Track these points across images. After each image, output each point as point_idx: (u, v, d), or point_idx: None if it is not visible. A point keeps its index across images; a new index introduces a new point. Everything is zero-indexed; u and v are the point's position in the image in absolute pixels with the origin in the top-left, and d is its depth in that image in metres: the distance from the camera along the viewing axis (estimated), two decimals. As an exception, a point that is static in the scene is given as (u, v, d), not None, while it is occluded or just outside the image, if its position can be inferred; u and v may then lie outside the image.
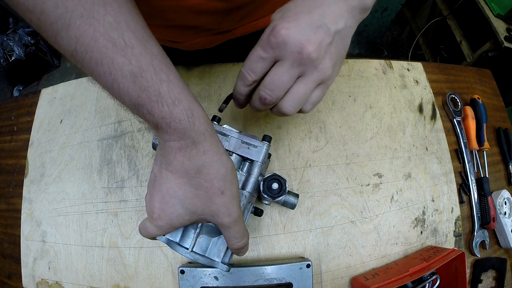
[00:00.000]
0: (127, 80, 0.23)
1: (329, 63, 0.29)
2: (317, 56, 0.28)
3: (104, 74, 0.23)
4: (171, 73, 0.26)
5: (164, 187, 0.29)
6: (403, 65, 0.61)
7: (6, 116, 0.57)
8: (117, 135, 0.52)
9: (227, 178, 0.29)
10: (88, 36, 0.22)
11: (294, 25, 0.28)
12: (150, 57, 0.24)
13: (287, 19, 0.28)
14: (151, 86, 0.24)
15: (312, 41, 0.28)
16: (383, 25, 1.78)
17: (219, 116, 0.38)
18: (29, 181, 0.52)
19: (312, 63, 0.29)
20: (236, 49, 0.55)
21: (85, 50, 0.22)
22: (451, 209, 0.54)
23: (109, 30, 0.22)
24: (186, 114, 0.26)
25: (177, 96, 0.25)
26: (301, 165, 0.51)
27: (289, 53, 0.28)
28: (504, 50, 1.31)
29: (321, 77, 0.30)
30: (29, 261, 0.48)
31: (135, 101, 0.24)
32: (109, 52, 0.22)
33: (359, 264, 0.48)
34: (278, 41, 0.28)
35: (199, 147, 0.27)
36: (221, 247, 0.33)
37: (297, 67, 0.29)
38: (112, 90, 0.24)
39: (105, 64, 0.23)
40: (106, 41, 0.22)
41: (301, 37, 0.28)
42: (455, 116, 0.59)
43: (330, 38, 0.29)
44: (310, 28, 0.28)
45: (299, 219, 0.49)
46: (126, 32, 0.23)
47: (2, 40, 1.76)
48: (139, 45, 0.24)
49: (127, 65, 0.23)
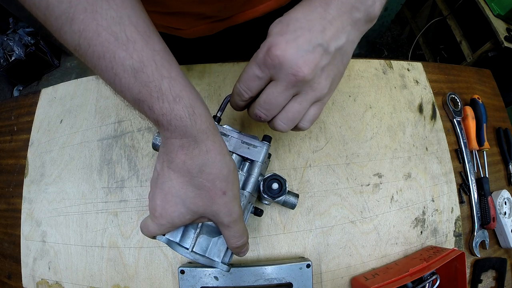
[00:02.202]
0: (128, 75, 0.24)
1: (325, 82, 0.29)
2: (313, 77, 0.28)
3: (106, 68, 0.23)
4: (173, 69, 0.26)
5: (166, 185, 0.29)
6: (403, 65, 0.61)
7: (6, 116, 0.57)
8: (117, 135, 0.52)
9: (229, 179, 0.29)
10: (91, 30, 0.22)
11: (291, 47, 0.27)
12: (152, 52, 0.24)
13: (285, 38, 0.27)
14: (152, 82, 0.24)
15: (309, 62, 0.27)
16: (383, 25, 1.78)
17: (219, 116, 0.38)
18: (29, 181, 0.52)
19: (308, 83, 0.29)
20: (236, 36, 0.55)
21: (88, 44, 0.23)
22: (451, 209, 0.54)
23: (112, 24, 0.22)
24: (188, 111, 0.25)
25: (178, 93, 0.25)
26: (301, 165, 0.51)
27: (284, 74, 0.28)
28: (504, 50, 1.31)
29: (316, 96, 0.30)
30: (29, 261, 0.48)
31: (136, 97, 0.25)
32: (111, 46, 0.23)
33: (359, 264, 0.48)
34: (274, 63, 0.27)
35: (201, 146, 0.27)
36: (221, 247, 0.33)
37: (292, 88, 0.29)
38: (114, 84, 0.25)
39: (107, 58, 0.23)
40: (108, 35, 0.22)
41: (297, 59, 0.27)
42: (455, 116, 0.59)
43: (329, 57, 0.28)
44: (308, 47, 0.27)
45: (299, 219, 0.49)
46: (128, 27, 0.23)
47: (2, 40, 1.76)
48: (141, 40, 0.24)
49: (128, 59, 0.23)
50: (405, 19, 2.08)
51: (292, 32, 0.27)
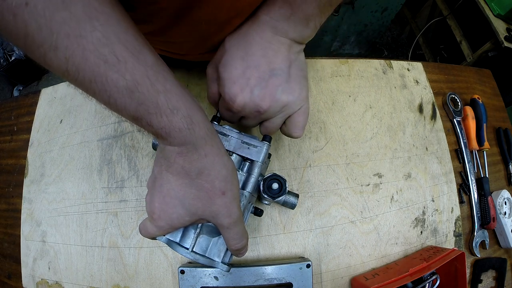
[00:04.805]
0: (123, 96, 0.23)
1: (287, 99, 0.33)
2: (275, 106, 0.33)
3: (99, 91, 0.22)
4: (168, 81, 0.25)
5: (164, 188, 0.29)
6: (403, 65, 0.61)
7: (6, 116, 0.57)
8: (117, 135, 0.52)
9: (228, 179, 0.29)
10: (78, 56, 0.21)
11: (246, 92, 0.31)
12: (144, 68, 0.23)
13: (239, 85, 0.32)
14: (148, 99, 0.23)
15: (265, 98, 0.32)
16: (383, 25, 1.78)
17: (219, 117, 0.38)
18: (29, 181, 0.52)
19: (272, 112, 0.33)
20: None
21: (77, 70, 0.21)
22: (451, 209, 0.54)
23: (99, 47, 0.21)
24: (186, 121, 0.25)
25: (175, 104, 0.25)
26: (301, 165, 0.51)
27: (249, 113, 0.33)
28: (504, 50, 1.31)
29: (285, 113, 0.34)
30: (29, 261, 0.48)
31: (134, 115, 0.24)
32: (101, 70, 0.21)
33: (359, 264, 0.48)
34: (238, 109, 0.32)
35: (199, 151, 0.27)
36: (221, 247, 0.33)
37: (260, 117, 0.34)
38: (109, 105, 0.24)
39: (99, 82, 0.22)
40: (97, 59, 0.21)
41: (255, 100, 0.32)
42: (455, 116, 0.59)
43: (283, 80, 0.32)
44: (261, 84, 0.32)
45: (299, 219, 0.49)
46: (117, 46, 0.22)
47: (2, 40, 1.76)
48: (131, 57, 0.22)
49: (121, 80, 0.22)
50: (405, 19, 2.08)
51: (242, 76, 0.32)
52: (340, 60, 0.59)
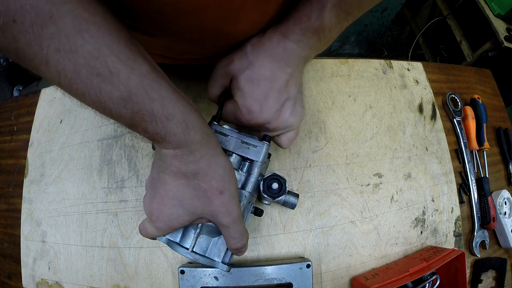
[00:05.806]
0: (118, 106, 0.22)
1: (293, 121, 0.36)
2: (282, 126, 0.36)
3: (94, 103, 0.22)
4: (163, 88, 0.25)
5: (162, 189, 0.29)
6: (403, 65, 0.61)
7: (6, 116, 0.57)
8: (117, 135, 0.52)
9: (225, 178, 0.29)
10: (70, 70, 0.20)
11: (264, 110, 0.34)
12: (138, 78, 0.23)
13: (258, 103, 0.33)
14: (143, 108, 0.23)
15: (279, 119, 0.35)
16: (383, 25, 1.78)
17: (219, 116, 0.38)
18: (29, 181, 0.52)
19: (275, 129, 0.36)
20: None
21: (69, 83, 0.21)
22: (451, 209, 0.54)
23: (90, 60, 0.20)
24: (181, 127, 0.25)
25: (171, 111, 0.25)
26: (301, 165, 0.51)
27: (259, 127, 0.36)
28: (504, 50, 1.31)
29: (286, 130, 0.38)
30: (29, 261, 0.48)
31: (129, 122, 0.24)
32: (94, 83, 0.21)
33: (359, 264, 0.48)
34: (249, 124, 0.35)
35: (195, 154, 0.27)
36: (221, 247, 0.33)
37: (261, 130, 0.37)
38: (104, 114, 0.24)
39: (93, 94, 0.21)
40: (89, 73, 0.21)
41: (270, 118, 0.34)
42: (455, 116, 0.59)
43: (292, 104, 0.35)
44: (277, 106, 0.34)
45: (299, 219, 0.49)
46: (109, 58, 0.21)
47: (2, 40, 1.76)
48: (125, 68, 0.22)
49: (115, 92, 0.22)
50: (405, 19, 2.08)
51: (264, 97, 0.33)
52: (340, 60, 0.59)
